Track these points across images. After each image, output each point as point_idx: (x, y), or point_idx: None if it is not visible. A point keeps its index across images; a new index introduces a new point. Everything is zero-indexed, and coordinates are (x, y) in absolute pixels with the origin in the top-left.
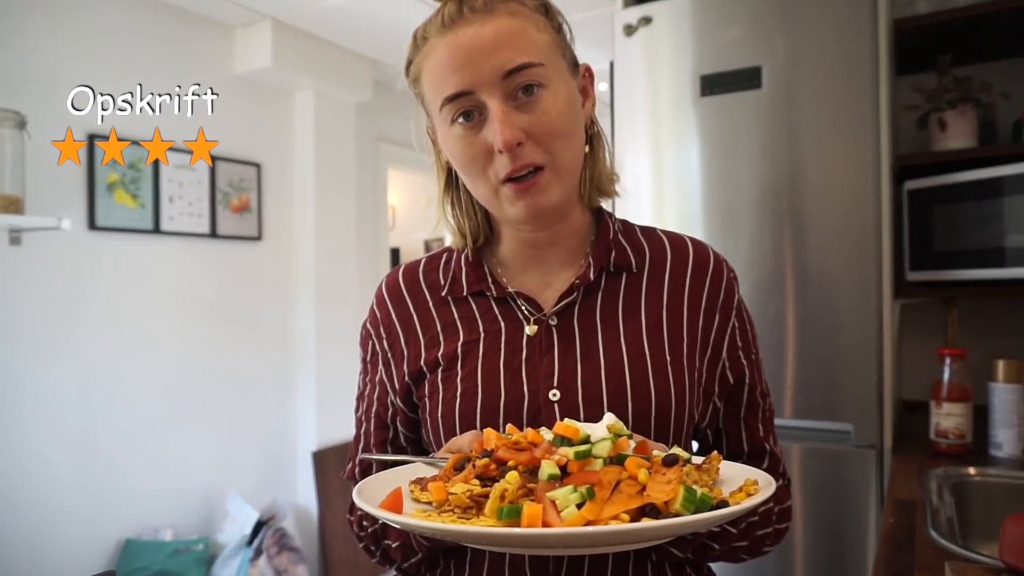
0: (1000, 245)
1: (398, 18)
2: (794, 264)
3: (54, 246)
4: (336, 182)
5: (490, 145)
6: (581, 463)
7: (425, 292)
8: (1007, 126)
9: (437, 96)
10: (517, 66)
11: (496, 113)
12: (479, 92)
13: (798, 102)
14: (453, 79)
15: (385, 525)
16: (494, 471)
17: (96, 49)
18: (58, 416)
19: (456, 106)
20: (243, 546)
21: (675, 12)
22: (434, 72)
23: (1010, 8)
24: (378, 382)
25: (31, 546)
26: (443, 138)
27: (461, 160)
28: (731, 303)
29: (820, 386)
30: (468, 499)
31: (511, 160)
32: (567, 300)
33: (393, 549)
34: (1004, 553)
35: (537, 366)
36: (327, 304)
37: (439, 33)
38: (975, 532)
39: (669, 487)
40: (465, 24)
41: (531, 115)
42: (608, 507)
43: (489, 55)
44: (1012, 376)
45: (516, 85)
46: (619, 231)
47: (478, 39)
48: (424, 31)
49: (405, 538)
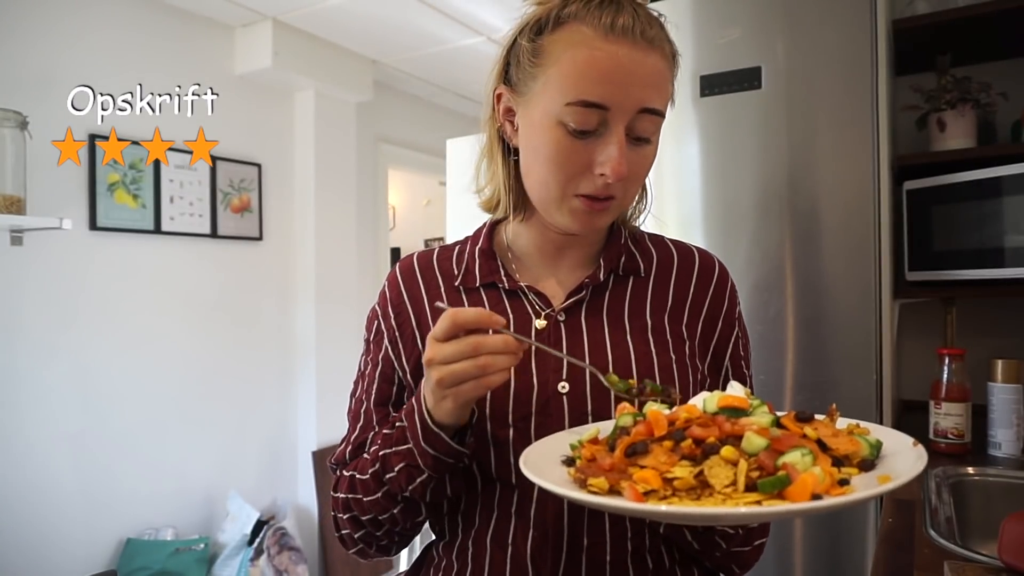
0: (999, 245)
1: (398, 18)
2: (794, 264)
3: (55, 246)
4: (336, 182)
5: (590, 161)
6: (768, 430)
7: (438, 277)
8: (1006, 126)
9: (572, 91)
10: (654, 108)
11: (619, 143)
12: (613, 112)
13: (798, 102)
14: (601, 88)
15: (385, 459)
16: (696, 450)
17: (96, 49)
18: (58, 416)
19: (584, 113)
20: (243, 546)
21: (675, 12)
22: (580, 67)
23: (1009, 8)
24: (381, 359)
25: (31, 546)
26: (539, 124)
27: (553, 160)
28: (734, 313)
29: (820, 386)
30: (695, 480)
31: (603, 187)
32: (576, 297)
33: (398, 473)
34: (1003, 553)
35: (546, 359)
36: (327, 304)
37: (602, 34)
38: (974, 532)
39: (842, 439)
40: (631, 43)
41: (637, 156)
42: (825, 465)
43: (640, 86)
44: (1011, 376)
45: (641, 124)
46: (629, 237)
47: (639, 66)
48: (576, 13)
49: (409, 457)
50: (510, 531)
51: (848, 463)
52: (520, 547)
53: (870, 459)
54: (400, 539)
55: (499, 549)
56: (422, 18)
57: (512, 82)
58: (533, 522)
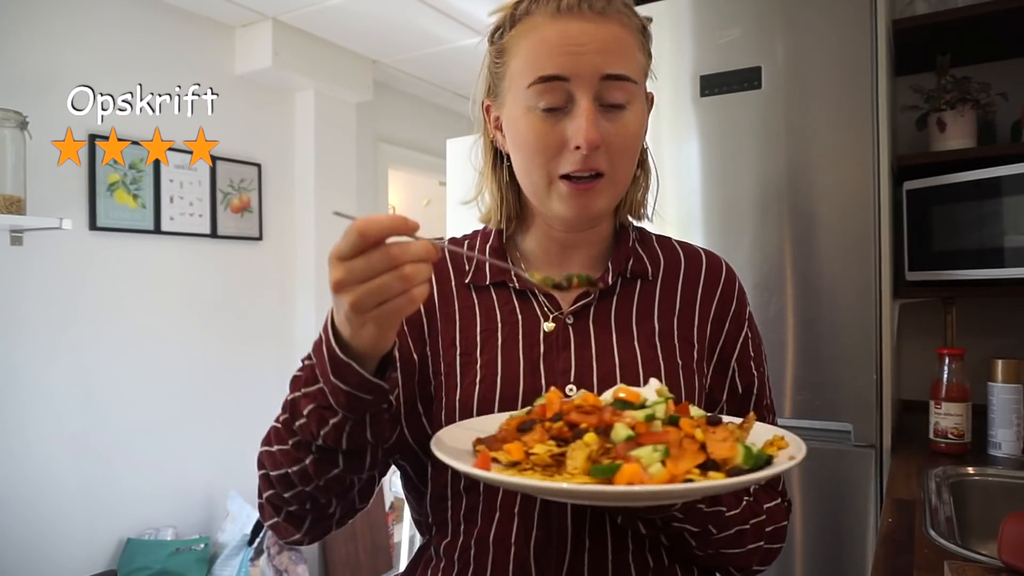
0: (999, 245)
1: (398, 18)
2: (794, 264)
3: (55, 246)
4: (336, 182)
5: (565, 139)
6: (647, 425)
7: (450, 270)
8: (1006, 126)
9: (530, 73)
10: (617, 73)
11: (584, 111)
12: (573, 83)
13: (798, 102)
14: (554, 61)
15: (294, 403)
16: (568, 433)
17: (96, 49)
18: (59, 416)
19: (546, 89)
20: (244, 545)
21: (675, 12)
22: (534, 49)
23: (1009, 8)
24: None
25: (31, 546)
26: (514, 118)
27: (530, 145)
28: (743, 313)
29: (819, 386)
30: (550, 458)
31: (581, 160)
32: (584, 301)
33: (307, 418)
34: (1003, 552)
35: (555, 361)
36: (327, 304)
37: (551, 16)
38: (974, 531)
39: (727, 444)
40: (580, 18)
41: (613, 124)
42: (680, 465)
43: (596, 53)
44: (1011, 376)
45: (608, 91)
46: (637, 240)
47: (592, 34)
48: (528, 7)
49: (320, 398)
50: (513, 531)
51: (721, 468)
52: (523, 548)
53: (744, 468)
54: (314, 509)
55: (502, 550)
56: (422, 18)
57: (492, 90)
58: (536, 523)
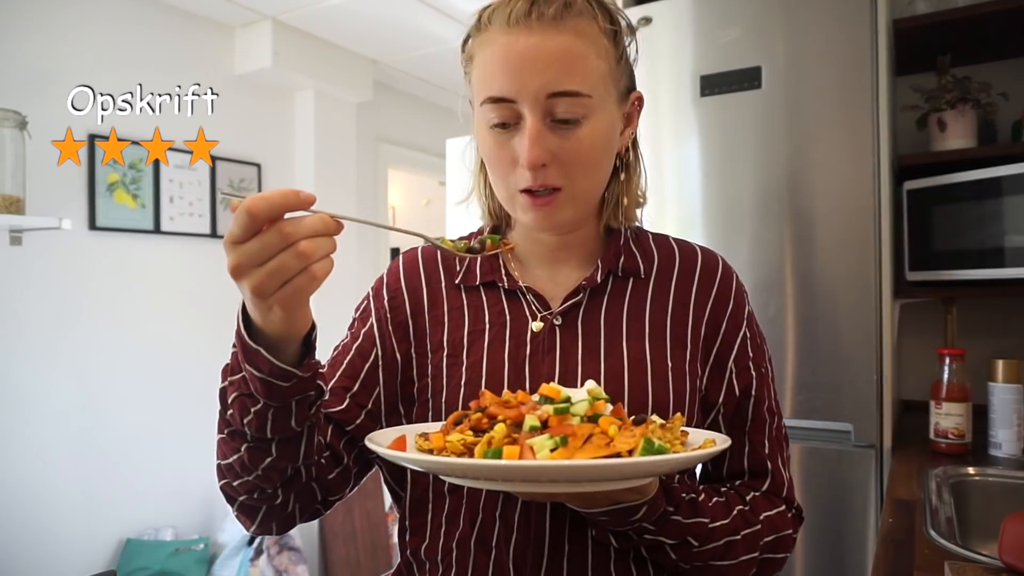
0: (999, 245)
1: (398, 18)
2: (794, 264)
3: (54, 246)
4: (336, 182)
5: (516, 155)
6: (560, 419)
7: (440, 271)
8: (1006, 126)
9: (482, 91)
10: (564, 91)
11: (529, 130)
12: (520, 103)
13: (798, 102)
14: (500, 82)
15: (223, 392)
16: (486, 424)
17: (96, 49)
18: (58, 416)
19: (495, 109)
20: (243, 546)
21: (675, 12)
22: (486, 66)
23: (1009, 8)
24: (363, 334)
25: (31, 546)
26: (478, 128)
27: (489, 160)
28: (741, 313)
29: (820, 386)
30: (462, 447)
31: (532, 178)
32: (572, 300)
33: (232, 407)
34: (1003, 553)
35: (540, 364)
36: (327, 304)
37: (503, 28)
38: (974, 532)
39: (633, 439)
40: (529, 31)
41: (563, 140)
42: (578, 455)
43: (542, 71)
44: (1011, 376)
45: (558, 107)
46: (631, 237)
47: (536, 51)
48: (489, 16)
49: (242, 386)
50: (494, 534)
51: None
52: (503, 550)
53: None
54: (262, 499)
55: (483, 552)
56: (422, 18)
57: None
58: (516, 525)
